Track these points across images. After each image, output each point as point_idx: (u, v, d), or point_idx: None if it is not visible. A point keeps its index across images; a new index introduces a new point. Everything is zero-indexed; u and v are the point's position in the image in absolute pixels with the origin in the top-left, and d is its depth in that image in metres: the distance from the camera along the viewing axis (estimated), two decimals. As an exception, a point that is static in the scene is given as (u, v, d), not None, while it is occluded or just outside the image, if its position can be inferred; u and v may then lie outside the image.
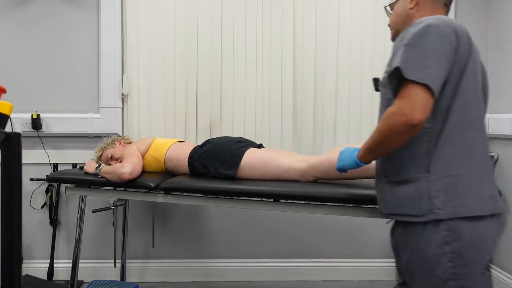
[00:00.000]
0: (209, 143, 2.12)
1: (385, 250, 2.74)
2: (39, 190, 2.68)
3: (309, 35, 2.66)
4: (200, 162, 2.06)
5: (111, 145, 2.36)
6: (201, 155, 2.07)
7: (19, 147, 1.00)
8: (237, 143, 2.06)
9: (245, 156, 1.97)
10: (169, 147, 2.21)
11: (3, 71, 2.64)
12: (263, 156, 1.97)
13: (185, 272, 2.72)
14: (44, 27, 2.64)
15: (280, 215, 2.73)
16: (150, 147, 2.23)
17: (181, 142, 2.29)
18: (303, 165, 1.89)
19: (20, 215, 1.01)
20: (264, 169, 1.94)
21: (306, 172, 1.87)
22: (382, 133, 1.26)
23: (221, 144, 2.06)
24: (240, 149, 2.01)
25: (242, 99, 2.66)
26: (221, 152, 2.02)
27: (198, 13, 2.64)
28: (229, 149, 2.01)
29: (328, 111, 2.67)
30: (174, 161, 2.16)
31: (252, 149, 2.03)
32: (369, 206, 1.73)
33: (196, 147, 2.15)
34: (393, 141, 1.24)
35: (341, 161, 1.45)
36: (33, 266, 2.69)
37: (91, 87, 2.66)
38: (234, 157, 1.97)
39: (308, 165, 1.87)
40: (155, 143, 2.25)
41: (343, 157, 1.45)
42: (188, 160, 2.11)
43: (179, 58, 2.65)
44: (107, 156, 2.30)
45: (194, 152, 2.12)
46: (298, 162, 1.92)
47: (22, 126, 2.59)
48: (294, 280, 2.73)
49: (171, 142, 2.25)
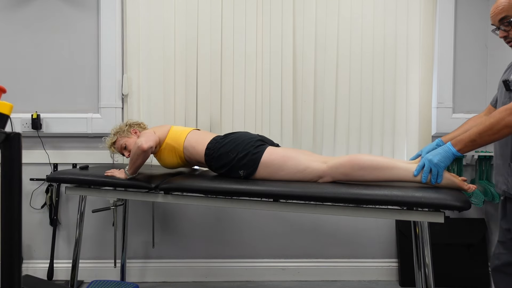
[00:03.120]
0: (229, 137, 2.08)
1: (385, 250, 2.74)
2: (39, 190, 2.68)
3: (309, 35, 2.66)
4: (218, 155, 2.02)
5: (126, 133, 2.27)
6: (220, 148, 2.02)
7: (19, 147, 1.00)
8: (257, 141, 2.03)
9: (265, 153, 1.94)
10: (187, 134, 2.15)
11: (3, 71, 2.64)
12: (281, 154, 1.94)
13: (185, 272, 2.72)
14: (44, 27, 2.64)
15: (280, 215, 2.74)
16: (168, 135, 2.16)
17: (198, 130, 2.23)
18: (322, 166, 1.86)
19: (20, 215, 1.01)
20: (282, 167, 1.91)
21: (325, 173, 1.85)
22: (493, 127, 1.54)
23: (241, 140, 2.02)
24: (260, 147, 1.98)
25: (242, 99, 2.66)
26: (242, 148, 1.98)
27: (198, 13, 2.64)
28: (251, 146, 1.98)
29: (328, 111, 2.68)
30: (191, 149, 2.11)
31: (271, 147, 2.01)
32: (369, 206, 1.73)
33: (215, 138, 2.10)
34: (504, 134, 1.55)
35: (437, 156, 1.67)
36: (33, 266, 2.69)
37: (91, 87, 2.66)
38: (254, 154, 1.94)
39: (328, 166, 1.85)
40: (172, 130, 2.19)
41: (438, 154, 1.66)
42: (206, 151, 2.06)
43: (179, 58, 2.65)
44: (121, 145, 2.22)
45: (213, 143, 2.07)
46: (317, 162, 1.89)
47: (22, 126, 2.59)
48: (294, 280, 2.73)
49: (188, 130, 2.19)
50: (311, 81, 2.66)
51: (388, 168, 1.76)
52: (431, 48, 2.66)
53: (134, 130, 2.27)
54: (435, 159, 1.67)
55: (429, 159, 1.69)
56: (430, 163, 1.68)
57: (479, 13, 2.68)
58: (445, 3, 2.65)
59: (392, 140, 2.69)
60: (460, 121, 2.65)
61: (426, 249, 1.72)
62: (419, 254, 1.76)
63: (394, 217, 1.73)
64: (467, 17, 2.68)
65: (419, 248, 1.75)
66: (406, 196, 1.62)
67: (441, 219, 1.63)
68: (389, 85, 2.67)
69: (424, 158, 1.71)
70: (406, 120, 2.69)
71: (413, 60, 2.68)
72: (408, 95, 2.69)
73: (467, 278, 2.60)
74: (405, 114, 2.69)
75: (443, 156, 1.66)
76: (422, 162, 1.71)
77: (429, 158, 1.69)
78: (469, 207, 1.57)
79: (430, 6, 2.65)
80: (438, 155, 1.67)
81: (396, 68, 2.68)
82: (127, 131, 2.26)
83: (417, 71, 2.68)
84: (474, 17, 2.68)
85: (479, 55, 2.69)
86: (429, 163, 1.68)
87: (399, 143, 2.70)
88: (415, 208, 1.66)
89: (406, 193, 1.63)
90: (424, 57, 2.66)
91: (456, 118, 2.66)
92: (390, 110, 2.68)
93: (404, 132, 2.70)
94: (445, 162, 1.66)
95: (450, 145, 1.67)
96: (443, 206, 1.57)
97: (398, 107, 2.69)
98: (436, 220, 1.64)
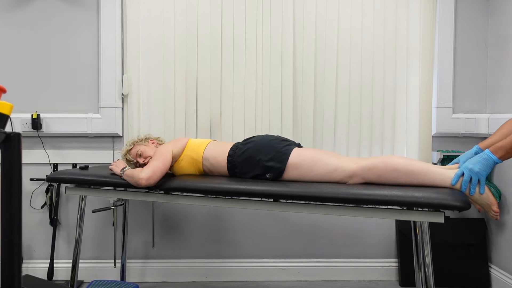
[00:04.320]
0: (250, 141, 2.05)
1: (385, 250, 2.74)
2: (39, 190, 2.68)
3: (309, 33, 2.66)
4: (242, 160, 1.99)
5: (144, 142, 2.26)
6: (243, 153, 2.00)
7: (19, 147, 1.00)
8: (282, 141, 2.00)
9: (293, 154, 1.92)
10: (206, 146, 2.13)
11: (3, 71, 2.64)
12: (310, 155, 1.91)
13: (185, 272, 2.72)
14: (44, 27, 2.64)
15: (280, 215, 2.74)
16: (186, 147, 2.14)
17: (217, 142, 2.20)
18: (353, 166, 1.84)
19: (20, 215, 1.01)
20: (311, 168, 1.88)
21: (356, 174, 1.83)
22: None
23: (265, 142, 2.00)
24: (287, 147, 1.95)
25: (242, 99, 2.66)
26: (267, 150, 1.95)
27: (198, 13, 2.64)
28: (275, 147, 1.95)
29: (328, 111, 2.68)
30: (212, 160, 2.07)
31: (298, 148, 1.98)
32: (369, 206, 1.73)
33: (236, 144, 2.08)
34: None
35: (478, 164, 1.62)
36: (33, 266, 2.69)
37: (91, 87, 2.66)
38: (281, 155, 1.92)
39: (359, 167, 1.82)
40: (190, 143, 2.16)
41: (478, 162, 1.62)
42: (228, 158, 2.03)
43: (179, 58, 2.65)
44: (137, 153, 2.21)
45: (234, 150, 2.04)
46: (348, 162, 1.86)
47: (22, 126, 2.59)
48: (294, 280, 2.73)
49: (207, 141, 2.17)
50: (311, 80, 2.66)
51: (423, 173, 1.73)
52: (431, 48, 2.66)
53: (152, 141, 2.27)
54: (476, 168, 1.63)
55: (469, 168, 1.65)
56: (470, 172, 1.64)
57: (479, 13, 2.69)
58: (445, 3, 2.65)
59: (392, 140, 2.69)
60: (460, 121, 2.66)
61: (426, 249, 1.72)
62: (419, 254, 1.76)
63: (394, 217, 1.73)
64: (467, 17, 2.68)
65: (419, 248, 1.75)
66: (406, 196, 1.62)
67: (441, 219, 1.63)
68: (389, 85, 2.68)
69: (464, 167, 1.67)
70: (406, 120, 2.69)
71: (413, 60, 2.68)
72: (408, 95, 2.69)
73: (467, 278, 2.61)
74: (405, 114, 2.69)
75: (483, 164, 1.63)
76: (461, 171, 1.67)
77: (469, 167, 1.65)
78: (469, 207, 1.57)
79: (430, 6, 2.65)
80: (478, 163, 1.63)
81: (396, 68, 2.68)
82: (144, 140, 2.27)
83: (417, 71, 2.68)
84: (474, 17, 2.68)
85: (479, 55, 2.69)
86: (469, 172, 1.64)
87: (399, 143, 2.70)
88: (415, 208, 1.66)
89: (406, 193, 1.63)
90: (424, 57, 2.66)
91: (456, 118, 2.66)
92: (390, 110, 2.68)
93: (404, 132, 2.70)
94: (486, 170, 1.62)
95: (490, 153, 1.63)
96: (443, 206, 1.57)
97: (398, 107, 2.69)
98: (436, 220, 1.64)
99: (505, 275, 2.48)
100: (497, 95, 2.58)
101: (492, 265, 2.61)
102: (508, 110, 2.48)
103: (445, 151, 2.63)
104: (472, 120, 2.66)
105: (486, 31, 2.68)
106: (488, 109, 2.68)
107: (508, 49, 2.49)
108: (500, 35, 2.56)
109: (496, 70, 2.60)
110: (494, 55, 2.63)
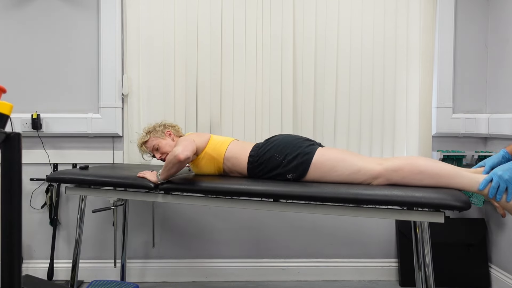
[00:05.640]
0: (271, 141, 2.02)
1: (385, 250, 2.74)
2: (39, 190, 2.68)
3: (309, 34, 2.66)
4: (264, 160, 1.95)
5: (160, 134, 2.19)
6: (265, 153, 1.96)
7: (19, 147, 1.00)
8: (305, 141, 1.97)
9: (317, 153, 1.89)
10: (228, 145, 2.06)
11: (3, 71, 2.64)
12: (334, 155, 1.88)
13: (185, 272, 2.72)
14: (44, 27, 2.64)
15: (280, 215, 2.73)
16: (208, 144, 2.06)
17: (237, 141, 2.14)
18: (377, 167, 1.80)
19: (20, 215, 1.01)
20: (334, 168, 1.85)
21: (380, 174, 1.80)
22: None
23: (288, 141, 1.97)
24: (311, 147, 1.92)
25: (242, 99, 2.66)
26: (291, 149, 1.92)
27: (198, 13, 2.64)
28: (299, 146, 1.93)
29: (328, 111, 2.68)
30: (233, 160, 2.02)
31: (321, 148, 1.95)
32: (369, 206, 1.73)
33: (257, 144, 2.05)
34: None
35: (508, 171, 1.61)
36: (33, 266, 2.69)
37: (91, 87, 2.66)
38: (305, 155, 1.89)
39: (384, 168, 1.79)
40: (212, 140, 2.09)
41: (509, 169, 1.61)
42: (249, 158, 1.99)
43: (179, 58, 2.65)
44: (153, 146, 2.16)
45: (255, 150, 2.01)
46: (372, 163, 1.83)
47: (22, 126, 2.59)
48: (294, 280, 2.73)
49: (229, 140, 2.10)
50: (311, 82, 2.66)
51: (451, 176, 1.71)
52: (431, 48, 2.66)
53: (169, 132, 2.22)
54: (506, 175, 1.60)
55: (499, 174, 1.62)
56: (500, 179, 1.61)
57: (479, 13, 2.68)
58: (445, 3, 2.65)
59: (392, 140, 2.69)
60: (460, 121, 2.66)
61: (426, 249, 1.72)
62: (419, 254, 1.76)
63: (394, 217, 1.73)
64: (467, 17, 2.68)
65: (419, 248, 1.75)
66: (406, 196, 1.61)
67: (441, 219, 1.63)
68: (389, 85, 2.68)
69: (493, 173, 1.64)
70: (406, 120, 2.69)
71: (413, 60, 2.68)
72: (408, 95, 2.69)
73: (467, 278, 2.60)
74: (405, 114, 2.69)
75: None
76: (490, 177, 1.65)
77: (499, 173, 1.62)
78: (469, 207, 1.56)
79: (430, 6, 2.65)
80: (508, 170, 1.60)
81: (396, 68, 2.68)
82: (161, 131, 2.20)
83: (417, 71, 2.68)
84: (474, 17, 2.68)
85: (479, 55, 2.69)
86: (498, 179, 1.62)
87: (399, 143, 2.70)
88: (415, 208, 1.66)
89: (406, 193, 1.63)
90: (424, 57, 2.66)
91: (456, 118, 2.66)
92: (390, 110, 2.68)
93: (404, 132, 2.70)
94: None
95: None
96: (443, 206, 1.57)
97: (398, 107, 2.69)
98: (436, 220, 1.64)
99: (505, 275, 2.48)
100: (497, 95, 2.58)
101: (492, 265, 2.61)
102: (508, 110, 2.47)
103: (445, 151, 2.63)
104: (472, 120, 2.66)
105: (486, 31, 2.68)
106: (488, 109, 2.68)
107: (508, 49, 2.49)
108: (500, 35, 2.56)
109: (496, 70, 2.60)
110: (494, 55, 2.63)
